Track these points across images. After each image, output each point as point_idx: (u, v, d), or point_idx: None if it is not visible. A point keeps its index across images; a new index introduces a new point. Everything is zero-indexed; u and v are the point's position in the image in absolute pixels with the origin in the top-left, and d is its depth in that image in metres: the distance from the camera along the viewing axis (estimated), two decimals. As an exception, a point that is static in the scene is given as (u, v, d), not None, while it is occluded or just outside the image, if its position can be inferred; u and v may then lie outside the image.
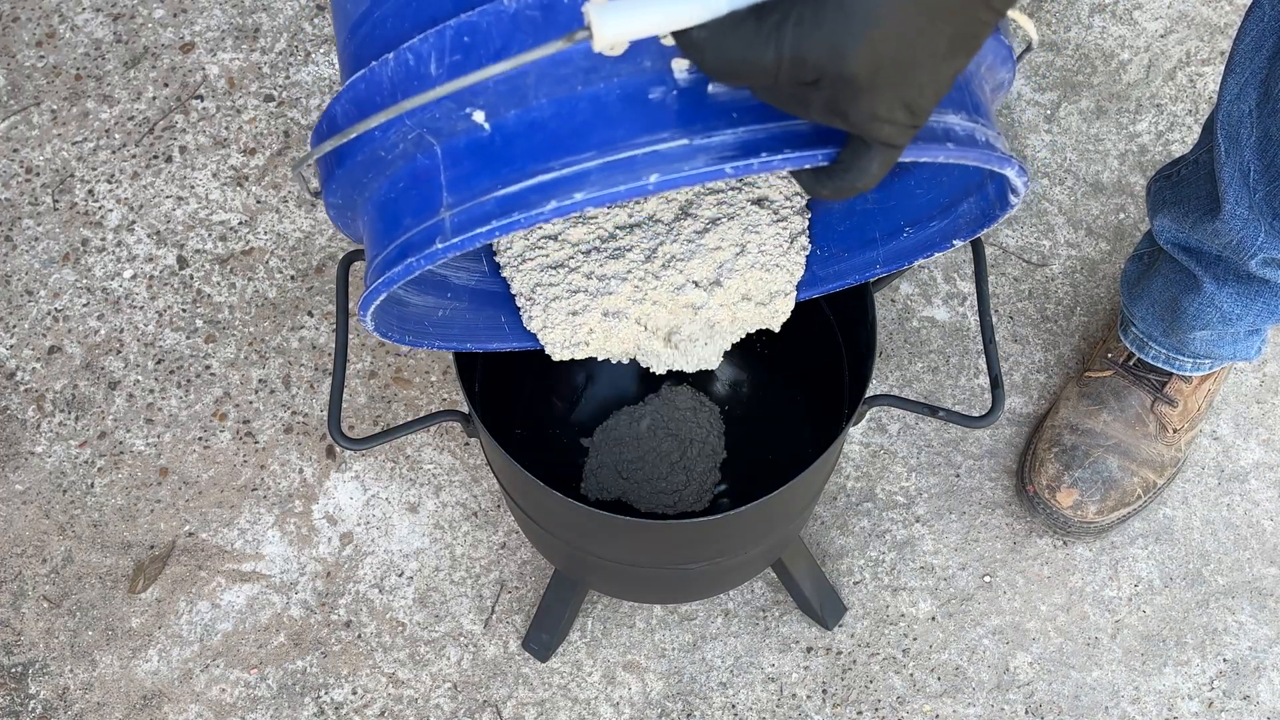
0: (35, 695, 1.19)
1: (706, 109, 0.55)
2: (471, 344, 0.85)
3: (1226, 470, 1.29)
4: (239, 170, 1.38)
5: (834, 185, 0.55)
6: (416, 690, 1.19)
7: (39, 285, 1.33)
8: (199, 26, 1.44)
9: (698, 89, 0.55)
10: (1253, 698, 1.21)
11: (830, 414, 1.09)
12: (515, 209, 0.56)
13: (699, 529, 0.89)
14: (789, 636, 1.22)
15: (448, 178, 0.59)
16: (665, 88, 0.55)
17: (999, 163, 0.60)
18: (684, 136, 0.55)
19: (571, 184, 0.55)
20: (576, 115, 0.56)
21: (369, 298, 0.65)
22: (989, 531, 1.26)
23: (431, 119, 0.57)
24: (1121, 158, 1.41)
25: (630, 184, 0.54)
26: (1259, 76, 0.91)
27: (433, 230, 0.59)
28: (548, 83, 0.55)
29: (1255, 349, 1.17)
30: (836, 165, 0.54)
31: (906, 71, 0.49)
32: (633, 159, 0.55)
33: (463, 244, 0.58)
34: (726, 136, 0.55)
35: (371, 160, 0.61)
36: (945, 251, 0.82)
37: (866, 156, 0.53)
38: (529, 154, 0.56)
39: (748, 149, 0.54)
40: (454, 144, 0.58)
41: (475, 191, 0.58)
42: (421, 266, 0.60)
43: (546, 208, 0.55)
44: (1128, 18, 1.47)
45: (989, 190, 0.75)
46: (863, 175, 0.53)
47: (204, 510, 1.25)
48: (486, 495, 1.26)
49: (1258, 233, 0.97)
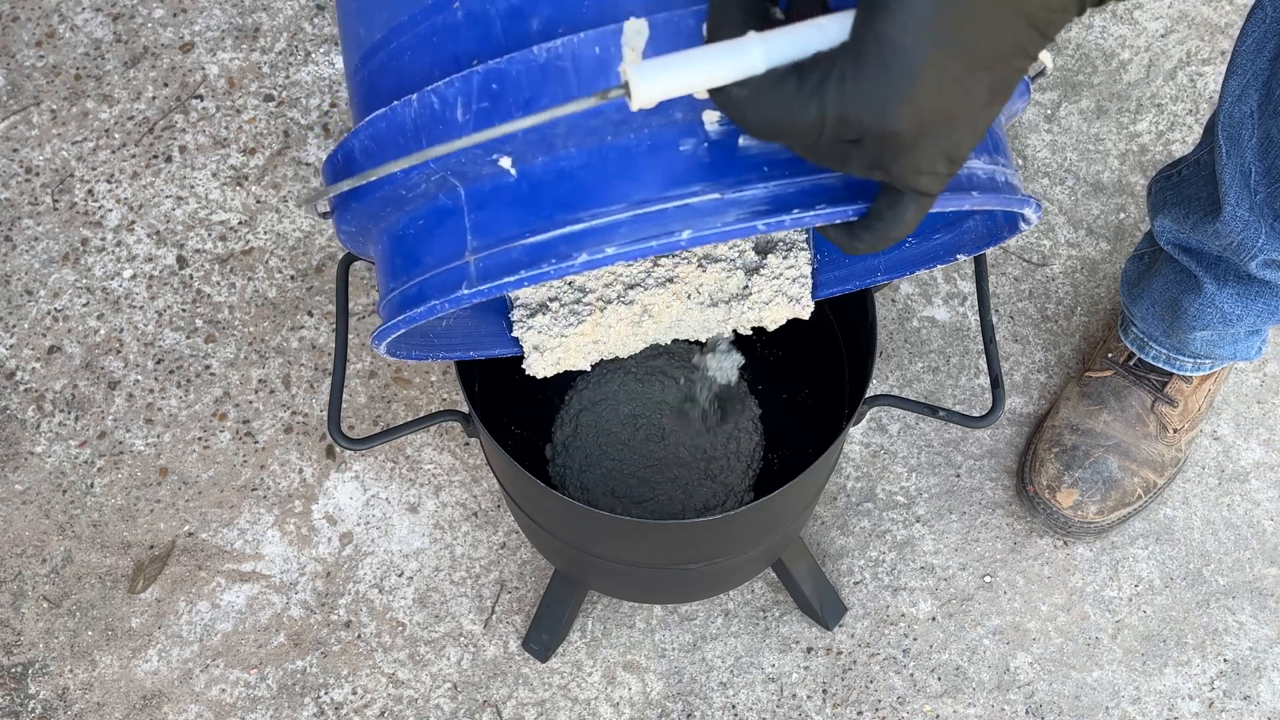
0: (35, 695, 1.19)
1: (738, 162, 0.54)
2: (475, 352, 0.86)
3: (1227, 470, 1.29)
4: (239, 170, 1.38)
5: (870, 238, 0.54)
6: (416, 690, 1.19)
7: (39, 285, 1.33)
8: (199, 26, 1.44)
9: (728, 141, 0.54)
10: (1253, 698, 1.21)
11: (830, 414, 1.09)
12: (545, 260, 0.55)
13: (699, 529, 0.89)
14: (789, 636, 1.22)
15: (472, 221, 0.58)
16: (696, 140, 0.54)
17: (1019, 204, 0.60)
18: (715, 191, 0.54)
19: (601, 236, 0.55)
20: (606, 166, 0.55)
21: (386, 332, 0.64)
22: (989, 531, 1.26)
23: (457, 164, 0.56)
24: (1122, 158, 1.41)
25: (662, 240, 0.54)
26: (1261, 78, 0.91)
27: (457, 274, 0.58)
28: (578, 133, 0.55)
29: (1255, 349, 1.17)
30: (871, 218, 0.54)
31: (948, 124, 0.49)
32: (664, 212, 0.54)
33: (490, 291, 0.57)
34: (758, 191, 0.54)
35: (391, 198, 0.60)
36: (944, 265, 0.82)
37: (901, 206, 0.52)
38: (557, 203, 0.56)
39: (780, 204, 0.54)
40: (479, 188, 0.57)
41: (501, 238, 0.57)
42: (444, 310, 0.59)
43: (577, 260, 0.55)
44: (1128, 18, 1.47)
45: (998, 214, 0.74)
46: (899, 225, 0.53)
47: (204, 510, 1.25)
48: (486, 495, 1.26)
49: (1258, 234, 0.97)
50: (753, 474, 1.15)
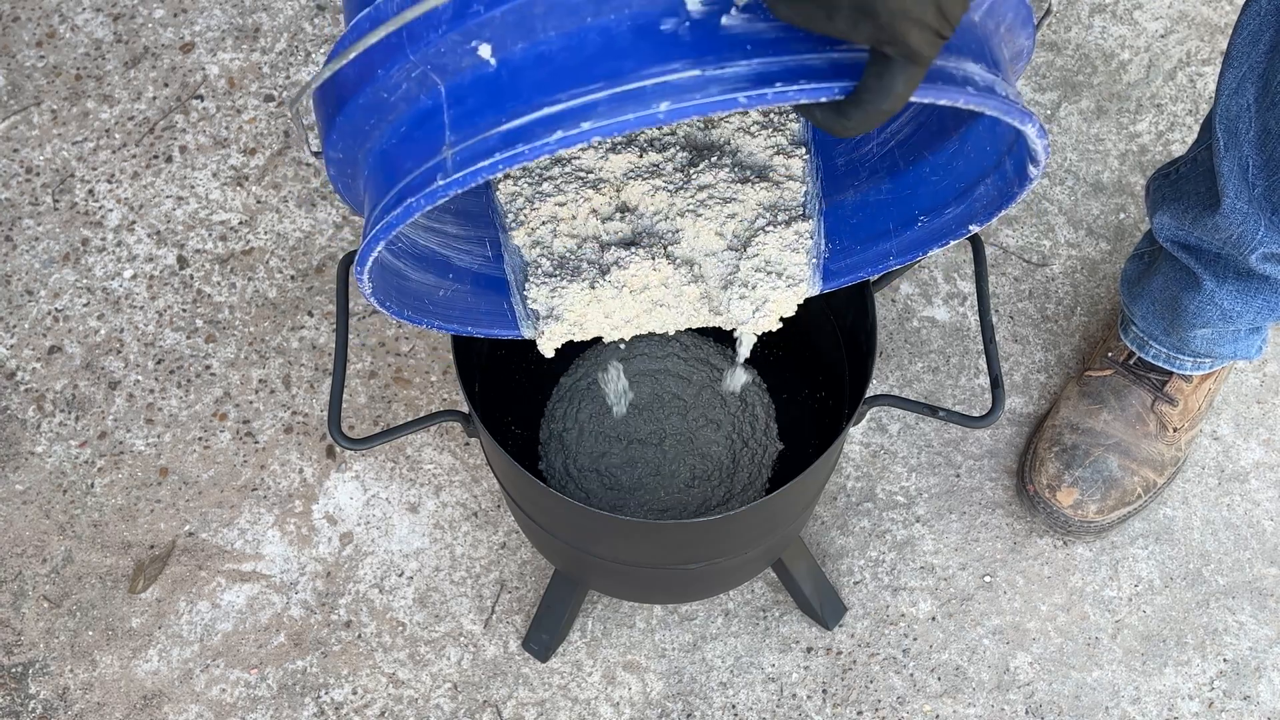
0: (35, 695, 1.19)
1: (720, 41, 0.53)
2: (473, 328, 0.84)
3: (1227, 470, 1.29)
4: (239, 170, 1.38)
5: (859, 114, 0.52)
6: (416, 690, 1.19)
7: (39, 285, 1.33)
8: (199, 26, 1.44)
9: (711, 21, 0.53)
10: (1253, 698, 1.21)
11: (830, 414, 1.09)
12: (520, 141, 0.55)
13: (699, 529, 0.89)
14: (789, 636, 1.22)
15: (451, 116, 0.57)
16: (678, 19, 0.54)
17: (1019, 116, 0.58)
18: (696, 68, 0.53)
19: (579, 114, 0.54)
20: (586, 47, 0.54)
21: (366, 249, 0.62)
22: (989, 531, 1.26)
23: (437, 54, 0.56)
24: (1121, 158, 1.41)
25: (640, 113, 0.53)
26: (1258, 70, 0.91)
27: (434, 169, 0.57)
28: (557, 13, 0.54)
29: (1256, 348, 1.17)
30: (859, 91, 0.52)
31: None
32: (643, 90, 0.53)
33: (465, 179, 0.56)
34: (740, 68, 0.53)
35: (374, 103, 0.59)
36: (958, 240, 0.81)
37: (890, 74, 0.51)
38: (536, 87, 0.55)
39: (762, 80, 0.53)
40: (459, 81, 0.57)
41: (479, 128, 0.56)
42: (422, 207, 0.58)
43: (552, 138, 0.54)
44: (1128, 18, 1.47)
45: (1006, 167, 0.73)
46: (888, 96, 0.51)
47: (204, 510, 1.25)
48: (486, 495, 1.26)
49: (1258, 227, 0.97)
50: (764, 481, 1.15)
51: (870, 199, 0.84)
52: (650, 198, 0.81)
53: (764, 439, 1.14)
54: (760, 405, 1.15)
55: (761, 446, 1.14)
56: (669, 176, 0.81)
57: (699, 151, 0.83)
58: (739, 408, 1.15)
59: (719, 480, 1.14)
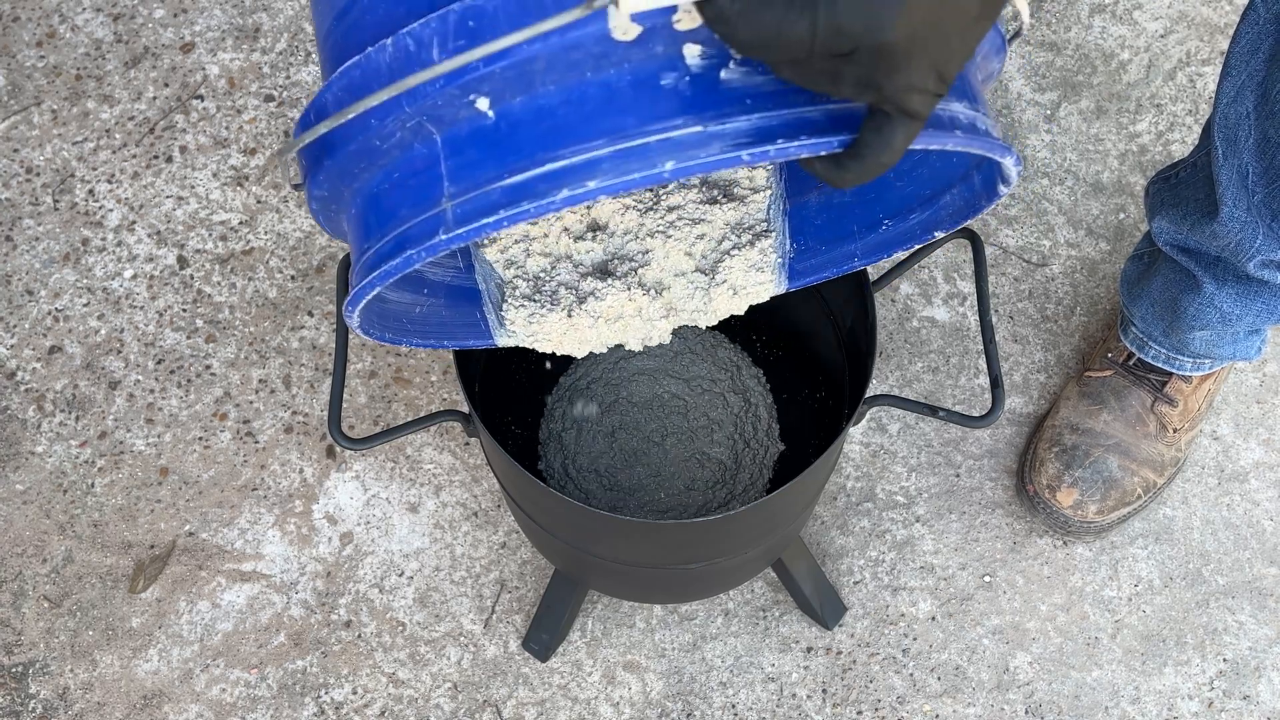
0: (35, 695, 1.19)
1: (720, 95, 0.53)
2: (449, 341, 0.84)
3: (1226, 470, 1.29)
4: (239, 170, 1.38)
5: (858, 167, 0.53)
6: (417, 690, 1.19)
7: (39, 285, 1.33)
8: (199, 26, 1.44)
9: (710, 75, 0.53)
10: (1253, 698, 1.21)
11: (830, 414, 1.09)
12: (525, 198, 0.54)
13: (699, 529, 0.89)
14: (789, 636, 1.22)
15: (449, 167, 0.56)
16: (677, 74, 0.53)
17: (1000, 152, 0.59)
18: (698, 123, 0.53)
19: (583, 172, 0.53)
20: (586, 102, 0.54)
21: (360, 293, 0.62)
22: (989, 531, 1.26)
23: (432, 106, 0.55)
24: (1121, 158, 1.41)
25: (645, 171, 0.53)
26: (1256, 79, 0.91)
27: (434, 221, 0.57)
28: (557, 69, 0.53)
29: (1255, 349, 1.17)
30: (858, 146, 0.53)
31: (941, 36, 0.48)
32: (646, 146, 0.53)
33: (468, 235, 0.55)
34: (741, 123, 0.53)
35: (365, 150, 0.58)
36: (929, 243, 0.81)
37: (889, 131, 0.52)
38: (537, 142, 0.54)
39: (763, 135, 0.53)
40: (455, 132, 0.56)
41: (480, 181, 0.55)
42: (422, 259, 0.57)
43: (558, 196, 0.53)
44: (1128, 18, 1.47)
45: (974, 180, 0.73)
46: (887, 151, 0.52)
47: (204, 510, 1.25)
48: (486, 495, 1.26)
49: (1256, 235, 0.97)
50: (765, 482, 1.15)
51: (834, 200, 0.84)
52: (620, 216, 0.81)
53: (765, 440, 1.14)
54: (763, 405, 1.15)
55: (763, 447, 1.14)
56: (638, 195, 0.81)
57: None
58: (742, 407, 1.15)
59: (720, 483, 1.13)
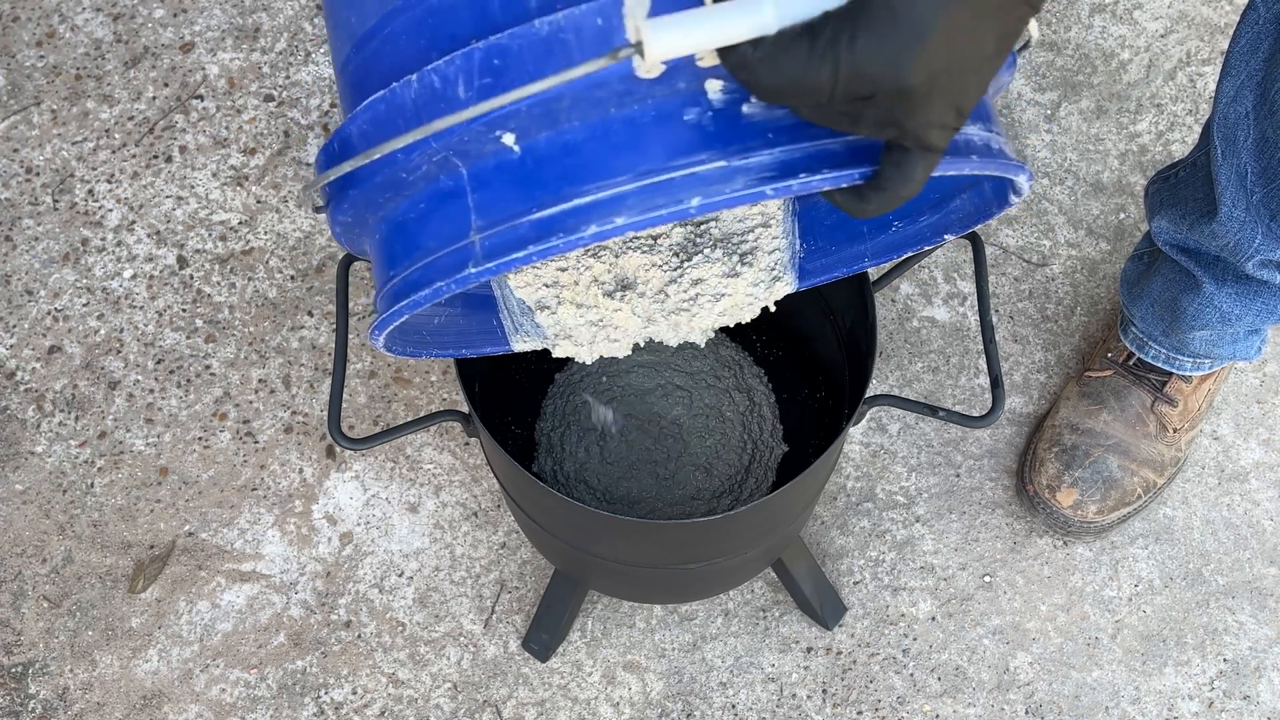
0: (35, 695, 1.19)
1: (742, 129, 0.54)
2: (467, 350, 0.85)
3: (1227, 470, 1.29)
4: (239, 170, 1.38)
5: (879, 199, 0.54)
6: (416, 690, 1.19)
7: (39, 285, 1.33)
8: (199, 26, 1.44)
9: (732, 110, 0.54)
10: (1253, 698, 1.21)
11: (830, 414, 1.09)
12: (553, 233, 0.55)
13: (699, 529, 0.89)
14: (789, 636, 1.22)
15: (475, 200, 0.57)
16: (700, 109, 0.54)
17: (1014, 171, 0.61)
18: (722, 158, 0.54)
19: (610, 207, 0.54)
20: (611, 137, 0.55)
21: (387, 320, 0.63)
22: (989, 531, 1.26)
23: (459, 142, 0.56)
24: (1122, 158, 1.41)
25: (672, 207, 0.54)
26: (1255, 79, 0.91)
27: (463, 254, 0.58)
28: (581, 106, 0.54)
29: (1255, 349, 1.17)
30: (879, 178, 0.54)
31: (959, 76, 0.49)
32: (671, 181, 0.54)
33: (498, 268, 0.56)
34: (764, 157, 0.54)
35: (390, 182, 0.59)
36: (938, 246, 0.82)
37: (909, 165, 0.53)
38: (563, 177, 0.55)
39: (786, 170, 0.54)
40: (482, 166, 0.57)
41: (507, 215, 0.56)
42: (451, 291, 0.58)
43: (587, 232, 0.54)
44: (1128, 18, 1.47)
45: (985, 188, 0.74)
46: (908, 183, 0.53)
47: (204, 510, 1.25)
48: (486, 495, 1.26)
49: (1255, 235, 0.97)
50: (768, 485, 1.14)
51: None
52: (646, 271, 0.82)
53: (770, 441, 1.14)
54: (767, 405, 1.15)
55: (768, 448, 1.14)
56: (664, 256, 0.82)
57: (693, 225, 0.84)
58: (748, 406, 1.15)
59: (727, 493, 1.13)
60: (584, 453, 1.14)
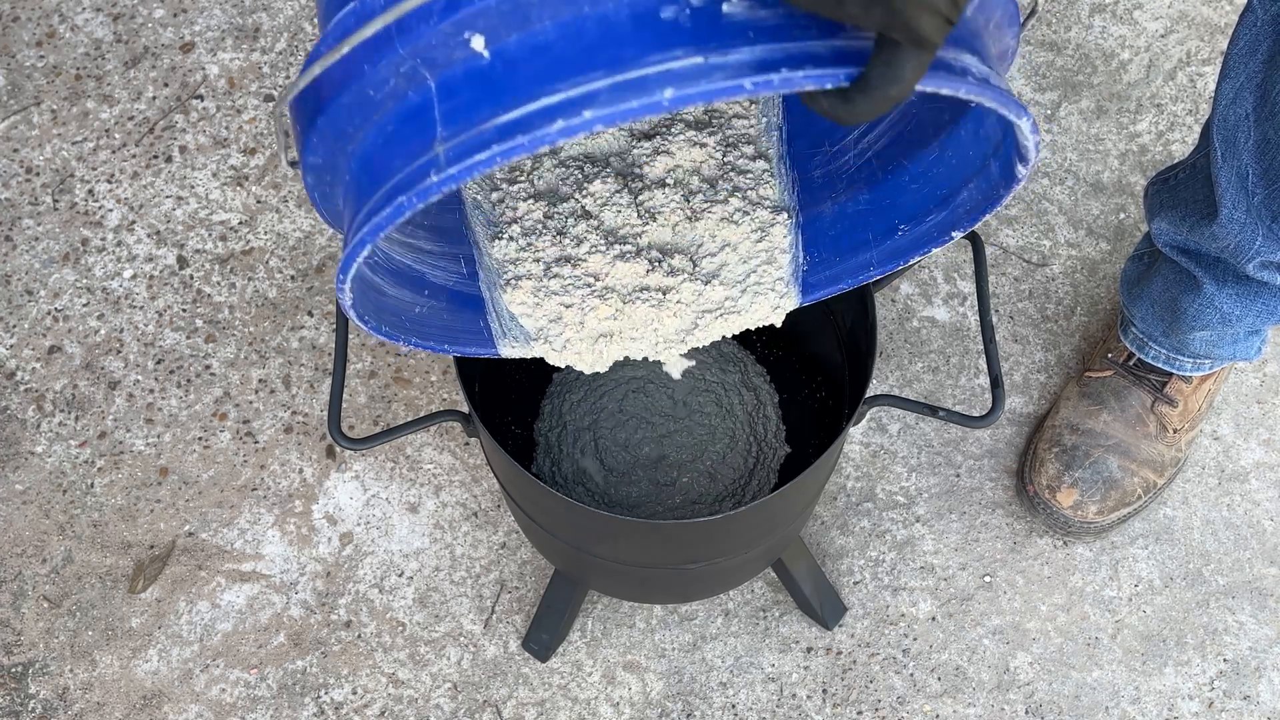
0: (35, 695, 1.19)
1: (722, 28, 0.52)
2: (450, 346, 0.82)
3: (1227, 470, 1.29)
4: (239, 170, 1.38)
5: (865, 101, 0.52)
6: (416, 690, 1.19)
7: (39, 285, 1.33)
8: (199, 26, 1.44)
9: (712, 8, 0.52)
10: (1253, 698, 1.21)
11: (830, 414, 1.09)
12: (518, 132, 0.53)
13: (699, 529, 0.89)
14: (789, 636, 1.22)
15: (442, 111, 0.55)
16: (678, 6, 0.52)
17: (1015, 109, 0.58)
18: (699, 55, 0.52)
19: (580, 103, 0.52)
20: (584, 36, 0.53)
21: (351, 255, 0.60)
22: (989, 531, 1.26)
23: (427, 47, 0.54)
24: (1122, 158, 1.41)
25: (643, 100, 0.51)
26: (1255, 80, 0.91)
27: (425, 166, 0.55)
28: (553, 2, 0.53)
29: (1255, 349, 1.17)
30: (867, 78, 0.51)
31: None
32: (645, 78, 0.52)
33: (460, 175, 0.54)
34: (744, 55, 0.52)
35: (359, 102, 0.57)
36: (943, 246, 0.80)
37: (899, 60, 0.50)
38: (533, 78, 0.53)
39: (766, 66, 0.52)
40: (450, 74, 0.55)
41: (473, 122, 0.54)
42: (414, 205, 0.56)
43: (553, 128, 0.52)
44: (1128, 18, 1.47)
45: (992, 169, 0.72)
46: (896, 82, 0.51)
47: (204, 510, 1.25)
48: (486, 495, 1.26)
49: (1255, 236, 0.97)
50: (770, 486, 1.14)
51: (849, 210, 0.83)
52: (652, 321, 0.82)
53: (774, 443, 1.14)
54: (771, 405, 1.15)
55: (771, 450, 1.14)
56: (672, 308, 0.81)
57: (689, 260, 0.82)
58: (755, 406, 1.15)
59: (729, 496, 1.13)
60: (580, 454, 1.14)
